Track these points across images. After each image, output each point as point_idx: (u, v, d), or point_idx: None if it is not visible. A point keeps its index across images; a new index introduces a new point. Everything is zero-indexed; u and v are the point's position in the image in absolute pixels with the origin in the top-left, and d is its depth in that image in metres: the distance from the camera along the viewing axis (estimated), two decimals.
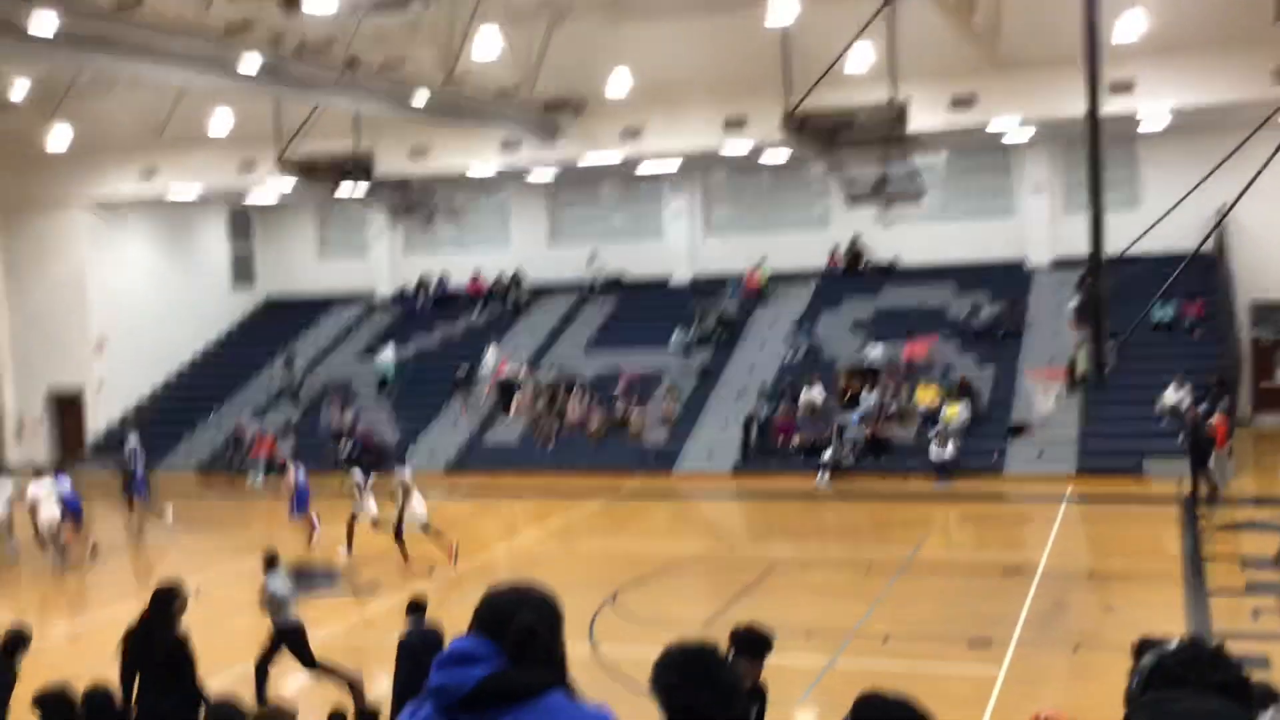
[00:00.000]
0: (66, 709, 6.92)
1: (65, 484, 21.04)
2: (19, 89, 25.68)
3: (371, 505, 19.50)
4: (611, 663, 12.86)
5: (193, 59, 18.96)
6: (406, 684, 9.61)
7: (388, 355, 31.90)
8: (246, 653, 12.55)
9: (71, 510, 20.70)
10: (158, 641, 9.42)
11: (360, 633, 15.67)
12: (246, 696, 9.59)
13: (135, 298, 32.66)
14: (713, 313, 30.67)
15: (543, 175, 31.14)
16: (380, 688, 11.23)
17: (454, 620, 3.27)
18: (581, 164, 28.59)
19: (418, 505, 18.75)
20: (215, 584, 17.32)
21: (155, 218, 33.56)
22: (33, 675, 8.77)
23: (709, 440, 27.22)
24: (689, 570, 18.59)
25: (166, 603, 9.73)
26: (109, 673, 8.89)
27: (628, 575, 17.74)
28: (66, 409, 32.41)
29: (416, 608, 10.59)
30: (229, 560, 19.92)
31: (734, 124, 25.90)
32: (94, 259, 32.08)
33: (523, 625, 2.88)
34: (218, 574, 18.62)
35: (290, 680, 12.98)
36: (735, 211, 32.96)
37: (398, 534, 18.68)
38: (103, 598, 19.01)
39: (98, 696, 7.27)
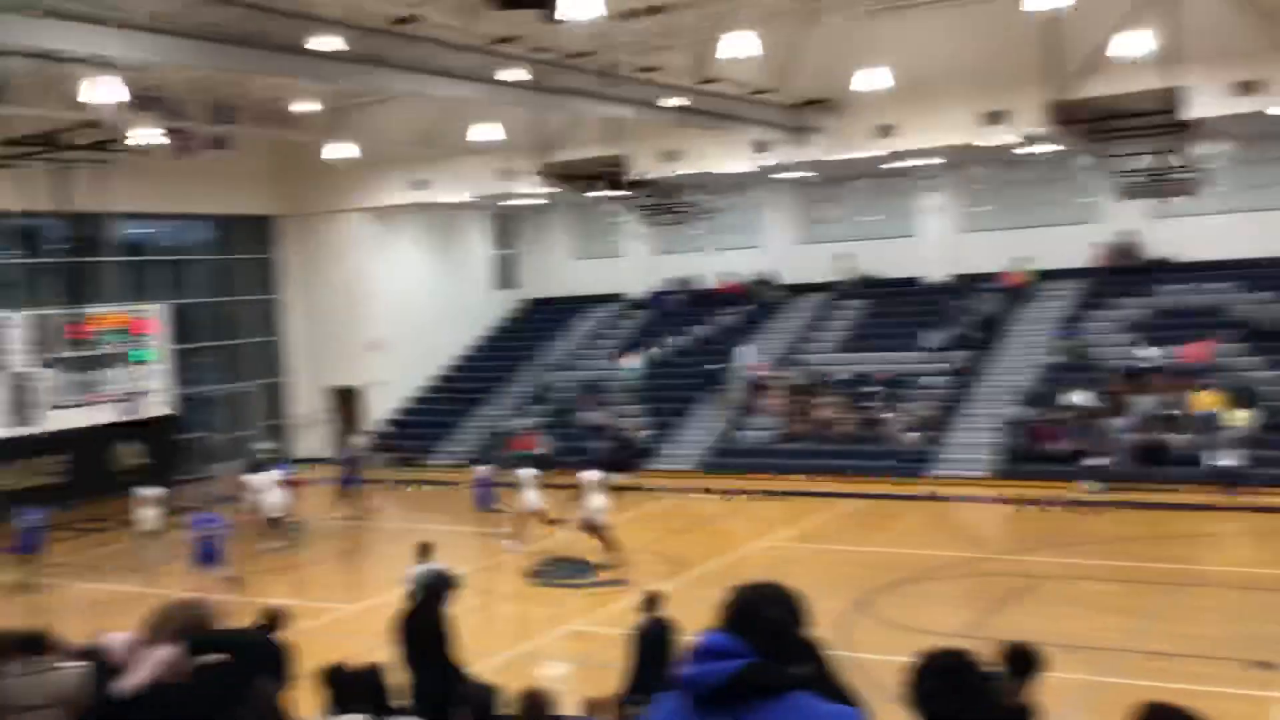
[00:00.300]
0: (347, 683, 7.39)
1: (284, 473, 23.86)
2: (306, 104, 27.64)
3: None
4: (863, 667, 12.67)
5: (461, 73, 19.88)
6: (639, 674, 10.06)
7: (635, 360, 32.49)
8: (508, 640, 13.07)
9: (290, 497, 23.37)
10: (426, 623, 9.95)
11: (606, 624, 16.02)
12: (508, 680, 9.97)
13: (407, 299, 34.54)
14: (970, 312, 29.76)
15: (794, 174, 31.00)
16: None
17: (697, 617, 3.30)
18: (834, 162, 28.27)
19: (593, 504, 19.55)
20: (478, 574, 18.09)
21: (425, 223, 35.41)
22: (309, 653, 9.40)
23: (965, 444, 26.39)
24: (944, 577, 18.10)
25: (438, 588, 10.28)
26: (378, 651, 9.43)
27: (880, 580, 17.44)
28: (346, 404, 34.61)
29: (651, 602, 10.86)
30: (494, 552, 20.81)
31: (994, 117, 25.01)
32: (370, 263, 34.14)
33: (770, 622, 2.88)
34: (480, 565, 19.47)
35: (548, 667, 13.42)
36: (995, 207, 31.83)
37: (588, 530, 19.58)
38: (372, 582, 20.20)
39: (372, 673, 7.74)
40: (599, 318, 36.11)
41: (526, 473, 21.61)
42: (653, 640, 10.25)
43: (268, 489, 22.75)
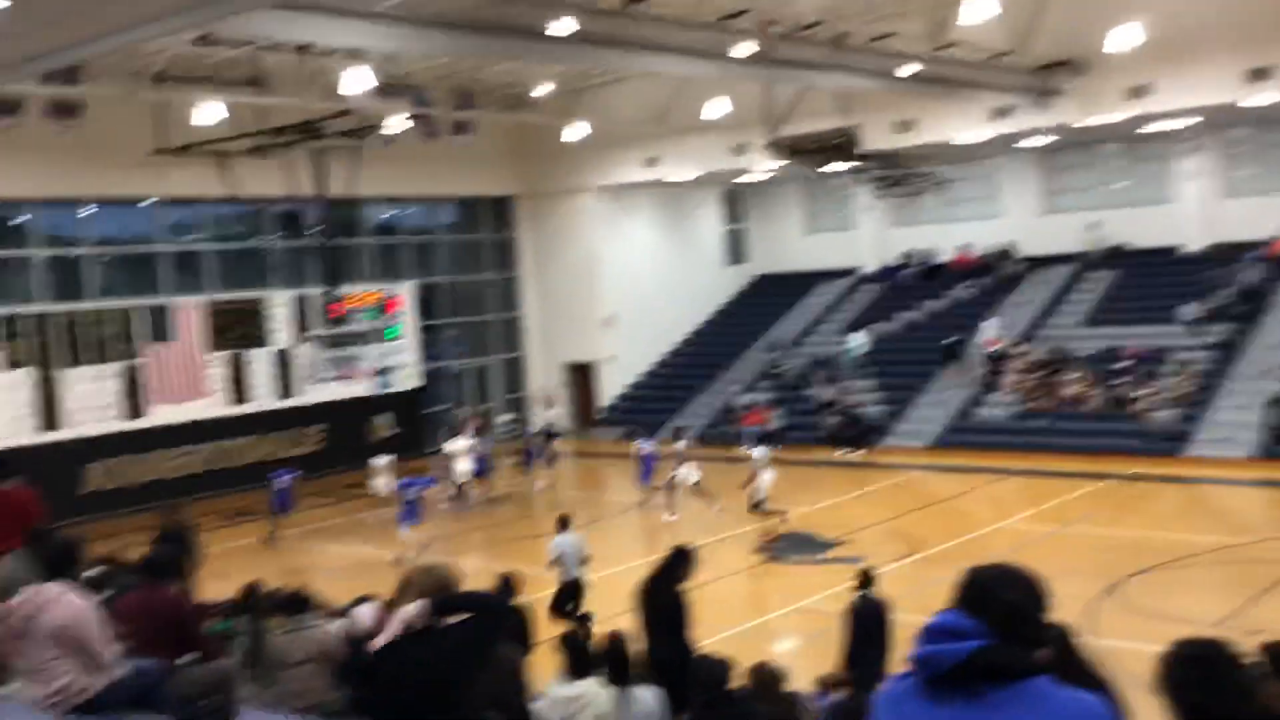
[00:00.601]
0: (585, 650, 7.60)
1: (484, 445, 25.45)
2: (542, 87, 28.40)
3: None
4: (1112, 656, 12.12)
5: (691, 50, 19.97)
6: (853, 650, 10.17)
7: (859, 338, 31.94)
8: (739, 615, 13.13)
9: (479, 467, 24.79)
10: (663, 595, 10.14)
11: (838, 601, 15.87)
12: (739, 655, 10.05)
13: (639, 276, 35.06)
14: (1232, 283, 27.87)
15: (1037, 141, 29.72)
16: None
17: (933, 597, 3.22)
18: (1081, 127, 26.93)
19: (762, 481, 20.33)
20: (717, 548, 18.23)
21: (656, 201, 35.82)
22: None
23: (1225, 423, 24.79)
24: (1200, 563, 17.08)
25: (677, 562, 10.47)
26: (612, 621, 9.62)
27: (1129, 565, 16.63)
28: (581, 379, 35.49)
29: (865, 580, 10.87)
30: (729, 526, 20.93)
31: (1258, 74, 23.27)
32: (603, 240, 34.80)
33: (1006, 604, 2.80)
34: (719, 538, 19.63)
35: (778, 643, 13.41)
36: (1259, 171, 29.66)
37: (756, 507, 20.30)
38: (611, 555, 20.66)
39: (612, 641, 7.93)
40: (830, 293, 35.71)
41: (682, 444, 23.14)
42: (866, 619, 10.30)
43: (460, 455, 24.21)
